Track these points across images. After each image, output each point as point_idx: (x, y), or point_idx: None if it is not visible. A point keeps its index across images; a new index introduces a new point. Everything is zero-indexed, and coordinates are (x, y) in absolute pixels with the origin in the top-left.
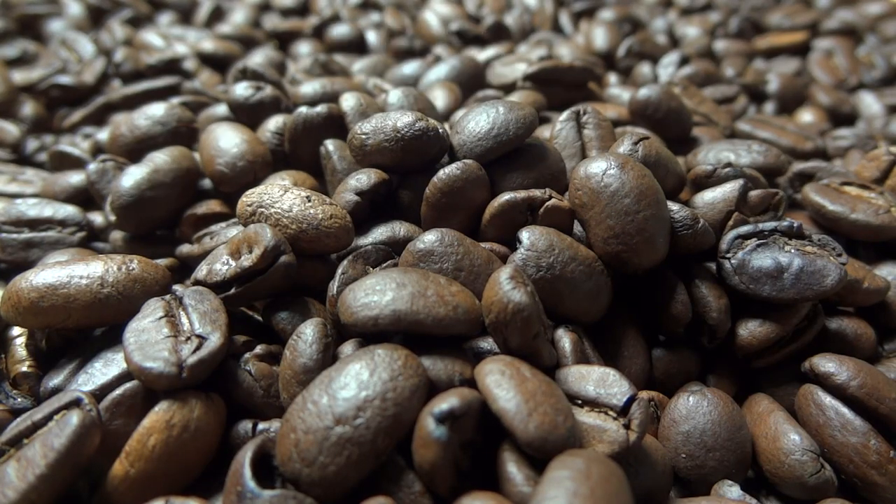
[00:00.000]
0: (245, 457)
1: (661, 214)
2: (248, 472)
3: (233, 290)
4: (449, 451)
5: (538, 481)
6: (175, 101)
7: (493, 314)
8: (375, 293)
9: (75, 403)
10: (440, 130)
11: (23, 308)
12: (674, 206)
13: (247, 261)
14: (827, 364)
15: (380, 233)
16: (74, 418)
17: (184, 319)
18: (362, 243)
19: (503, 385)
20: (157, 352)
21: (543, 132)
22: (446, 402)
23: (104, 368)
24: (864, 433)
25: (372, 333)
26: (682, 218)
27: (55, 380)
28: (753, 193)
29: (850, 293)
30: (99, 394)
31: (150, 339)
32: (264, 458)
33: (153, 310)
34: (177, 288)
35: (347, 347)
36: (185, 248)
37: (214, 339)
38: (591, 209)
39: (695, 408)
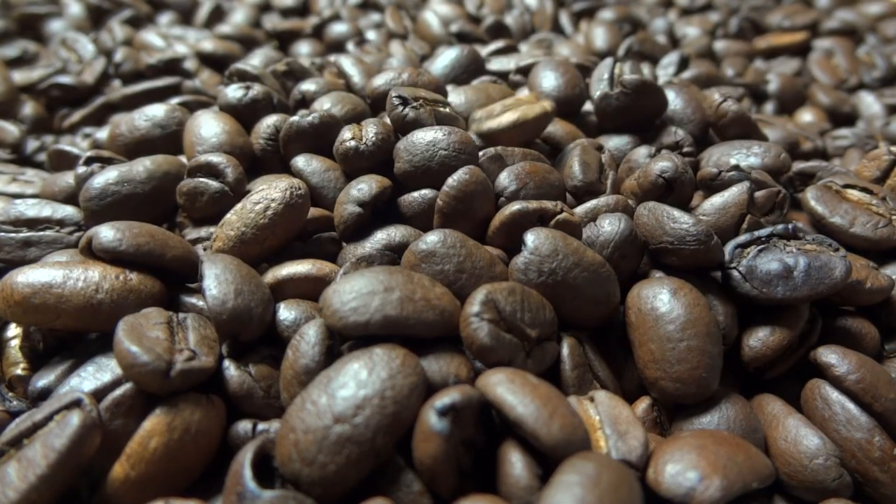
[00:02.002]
0: (245, 457)
1: (706, 349)
2: (248, 472)
3: None
4: (450, 445)
5: (546, 484)
6: (175, 101)
7: (465, 343)
8: (363, 296)
9: (76, 404)
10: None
11: (14, 301)
12: (689, 220)
13: None
14: (829, 355)
15: (377, 239)
16: (75, 419)
17: (181, 335)
18: (360, 250)
19: (517, 392)
20: (150, 343)
21: None
22: (448, 396)
23: (97, 374)
24: (870, 429)
25: (360, 337)
26: (697, 233)
27: (44, 380)
28: (759, 194)
29: (853, 293)
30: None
31: (144, 332)
32: (264, 459)
33: (155, 314)
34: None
35: (344, 348)
36: None
37: (206, 360)
38: (637, 329)
39: (709, 409)
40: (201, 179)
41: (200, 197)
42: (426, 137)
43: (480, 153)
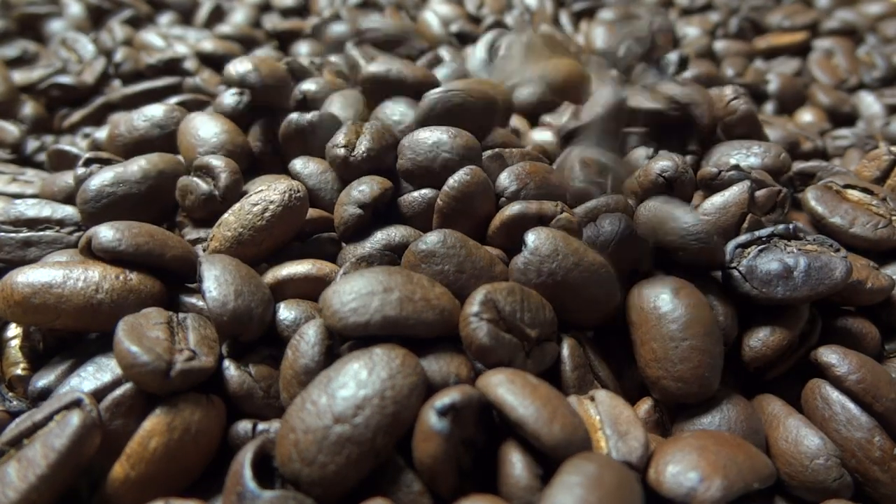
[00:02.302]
0: (245, 457)
1: (708, 348)
2: (248, 472)
3: None
4: (450, 445)
5: (547, 483)
6: (174, 100)
7: (464, 344)
8: (362, 297)
9: (76, 404)
10: None
11: (14, 301)
12: (690, 219)
13: None
14: (830, 355)
15: (377, 239)
16: (75, 419)
17: (181, 335)
18: (359, 250)
19: (517, 393)
20: (150, 343)
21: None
22: (448, 396)
23: (97, 374)
24: (870, 429)
25: (360, 338)
26: (698, 232)
27: (44, 380)
28: (759, 193)
29: (854, 293)
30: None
31: (144, 332)
32: (264, 459)
33: (155, 314)
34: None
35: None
36: None
37: (206, 360)
38: (639, 328)
39: (710, 409)
40: (195, 179)
41: (189, 195)
42: (431, 138)
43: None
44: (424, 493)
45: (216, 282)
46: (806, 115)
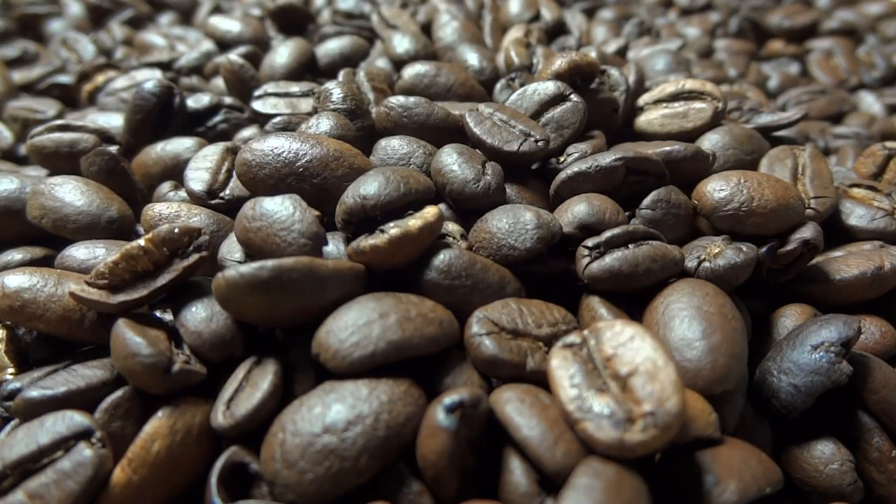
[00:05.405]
0: (213, 471)
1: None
2: (214, 488)
3: None
4: (457, 443)
5: (552, 487)
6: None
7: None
8: (360, 329)
9: (85, 435)
10: None
11: (2, 293)
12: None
13: None
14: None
15: None
16: (88, 457)
17: (176, 340)
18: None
19: (525, 413)
20: (153, 338)
21: None
22: (457, 394)
23: (71, 379)
24: (869, 430)
25: (368, 370)
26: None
27: (17, 382)
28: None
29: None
30: (61, 398)
31: (146, 327)
32: (241, 467)
33: (154, 317)
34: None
35: None
36: None
37: (200, 367)
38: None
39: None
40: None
41: None
42: (403, 149)
43: None
44: (424, 493)
45: (187, 312)
46: None
